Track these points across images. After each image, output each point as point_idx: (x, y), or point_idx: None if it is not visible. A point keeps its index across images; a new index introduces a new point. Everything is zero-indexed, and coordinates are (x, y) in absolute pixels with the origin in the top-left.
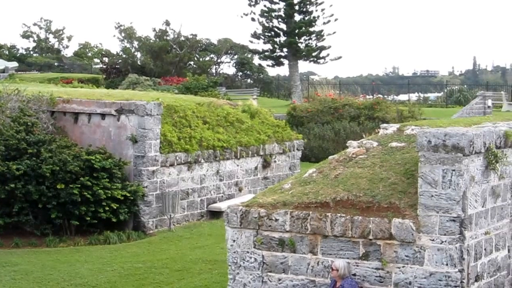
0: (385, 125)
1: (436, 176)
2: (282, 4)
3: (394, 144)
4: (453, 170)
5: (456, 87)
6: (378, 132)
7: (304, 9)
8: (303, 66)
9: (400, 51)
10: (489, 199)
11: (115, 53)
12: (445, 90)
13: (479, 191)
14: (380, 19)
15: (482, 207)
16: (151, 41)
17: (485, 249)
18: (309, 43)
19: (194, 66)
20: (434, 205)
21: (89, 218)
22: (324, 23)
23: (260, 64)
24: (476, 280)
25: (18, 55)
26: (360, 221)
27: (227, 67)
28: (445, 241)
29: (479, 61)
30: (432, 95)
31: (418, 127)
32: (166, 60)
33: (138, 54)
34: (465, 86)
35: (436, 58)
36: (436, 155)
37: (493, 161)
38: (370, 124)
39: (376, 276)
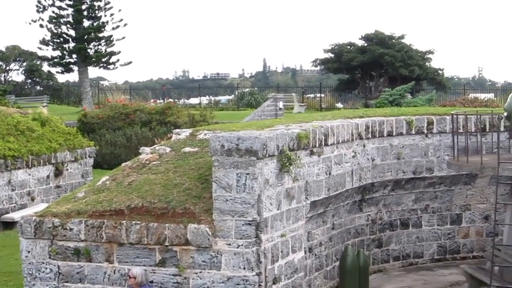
0: (177, 130)
1: (230, 180)
2: (70, 10)
3: (187, 149)
4: (247, 174)
5: (247, 89)
6: (171, 137)
7: (93, 15)
8: (93, 72)
9: (189, 54)
10: (284, 201)
11: None
12: (236, 93)
13: (274, 194)
14: (168, 22)
15: (278, 209)
16: None
17: (281, 252)
18: (98, 48)
19: None
20: (229, 209)
21: None
22: (113, 29)
23: (49, 71)
24: (274, 283)
25: None
26: (156, 227)
27: (16, 75)
28: (242, 245)
29: (269, 62)
30: (223, 98)
31: (211, 132)
32: None
33: None
34: (256, 88)
35: (226, 60)
36: (229, 159)
37: (287, 164)
38: (162, 129)
39: (174, 283)
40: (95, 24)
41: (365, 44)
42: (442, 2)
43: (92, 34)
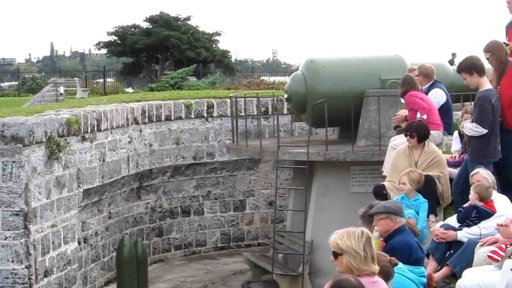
0: None
1: None
2: None
3: None
4: (14, 162)
5: (31, 74)
6: None
7: None
8: None
9: None
10: (54, 190)
11: None
12: (19, 78)
13: (43, 183)
14: None
15: (47, 199)
16: None
17: (53, 243)
18: None
19: None
20: None
21: None
22: None
23: None
24: (45, 276)
25: None
26: None
27: None
28: (10, 237)
29: (57, 46)
30: (5, 84)
31: None
32: None
33: None
34: (43, 73)
35: (12, 44)
36: None
37: (56, 151)
38: None
39: None
40: None
41: (150, 26)
42: None
43: None
